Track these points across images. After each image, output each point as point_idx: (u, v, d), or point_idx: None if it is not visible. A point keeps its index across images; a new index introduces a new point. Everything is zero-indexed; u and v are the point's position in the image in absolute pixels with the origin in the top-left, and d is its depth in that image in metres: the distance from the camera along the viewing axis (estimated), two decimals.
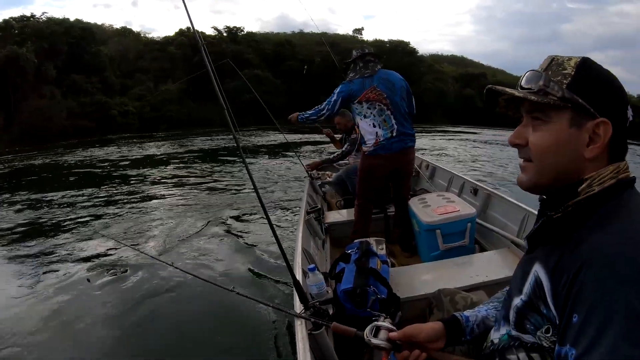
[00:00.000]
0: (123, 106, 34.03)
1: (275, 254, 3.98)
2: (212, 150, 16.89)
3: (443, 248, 2.52)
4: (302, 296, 1.44)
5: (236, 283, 3.47)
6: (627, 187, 0.69)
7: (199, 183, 8.74)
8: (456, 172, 3.89)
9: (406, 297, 1.90)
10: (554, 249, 0.71)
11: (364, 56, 2.83)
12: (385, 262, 2.06)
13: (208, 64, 1.72)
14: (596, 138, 0.68)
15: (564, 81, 0.70)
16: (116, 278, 3.69)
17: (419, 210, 2.72)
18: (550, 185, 0.74)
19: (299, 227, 2.55)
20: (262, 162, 11.91)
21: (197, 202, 6.78)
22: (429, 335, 0.94)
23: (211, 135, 24.52)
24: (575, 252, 0.64)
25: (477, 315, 1.00)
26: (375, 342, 0.94)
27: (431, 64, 57.01)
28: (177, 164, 12.57)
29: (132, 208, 6.54)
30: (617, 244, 0.60)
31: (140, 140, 23.27)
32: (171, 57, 41.83)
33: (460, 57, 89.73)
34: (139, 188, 8.49)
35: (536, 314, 0.73)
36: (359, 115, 2.83)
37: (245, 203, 6.47)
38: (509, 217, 2.69)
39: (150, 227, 5.35)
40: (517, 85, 0.77)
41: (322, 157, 4.59)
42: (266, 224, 1.58)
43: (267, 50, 46.85)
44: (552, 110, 0.70)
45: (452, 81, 53.89)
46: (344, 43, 50.10)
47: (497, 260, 2.27)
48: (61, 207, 6.87)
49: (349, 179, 3.93)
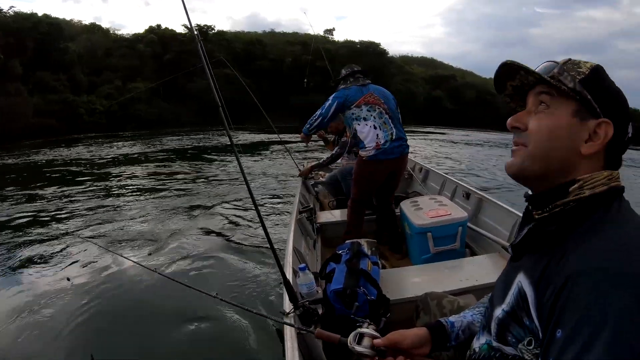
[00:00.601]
0: (90, 105, 33.05)
1: (265, 252, 3.97)
2: (192, 149, 16.62)
3: (434, 251, 2.53)
4: (292, 295, 1.44)
5: (224, 283, 3.44)
6: (616, 196, 0.69)
7: (182, 182, 8.59)
8: (449, 175, 3.90)
9: (395, 299, 1.90)
10: (540, 258, 0.69)
11: (354, 73, 2.97)
12: (376, 264, 2.06)
13: (204, 60, 1.70)
14: (595, 137, 0.69)
15: (577, 76, 0.71)
16: (90, 282, 3.55)
17: (410, 212, 2.72)
18: (538, 175, 0.73)
19: (291, 226, 2.54)
20: (253, 161, 11.87)
21: (182, 202, 6.66)
22: (413, 342, 0.94)
23: (182, 135, 24.08)
24: (562, 263, 0.62)
25: (463, 320, 0.99)
26: (359, 349, 0.94)
27: (401, 65, 57.55)
28: (157, 163, 12.20)
29: (110, 209, 6.31)
30: (604, 255, 0.59)
31: (109, 140, 21.97)
32: (140, 54, 40.93)
33: (430, 59, 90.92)
34: (117, 189, 8.15)
35: (518, 326, 0.72)
36: (357, 120, 2.84)
37: (236, 202, 6.43)
38: (500, 222, 2.71)
39: (130, 230, 5.17)
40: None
41: (312, 163, 4.58)
42: (257, 223, 1.58)
43: (238, 50, 46.10)
44: (560, 97, 0.71)
45: (422, 82, 54.39)
46: (314, 43, 50.22)
47: (487, 265, 2.29)
48: (36, 207, 6.59)
49: (344, 180, 3.92)
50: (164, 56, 40.79)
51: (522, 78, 0.77)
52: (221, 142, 18.79)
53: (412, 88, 48.96)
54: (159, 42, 42.02)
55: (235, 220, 5.40)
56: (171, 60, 40.02)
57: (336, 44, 51.87)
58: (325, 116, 2.92)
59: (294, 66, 43.47)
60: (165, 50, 41.68)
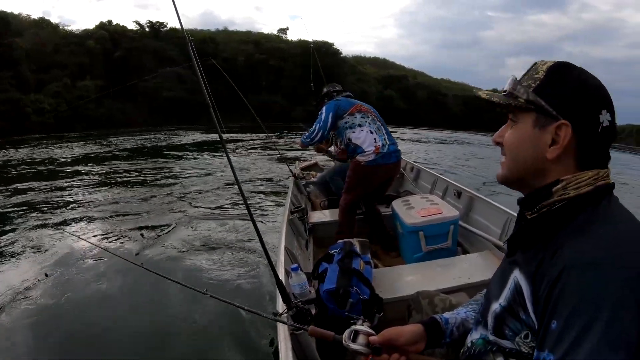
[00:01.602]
0: (38, 104, 30.83)
1: (257, 253, 3.95)
2: (160, 148, 16.31)
3: (426, 250, 2.53)
4: (285, 296, 1.43)
5: (216, 282, 3.41)
6: (605, 194, 0.70)
7: (169, 182, 8.51)
8: (440, 174, 3.92)
9: (388, 298, 1.90)
10: (534, 255, 0.71)
11: (338, 91, 3.21)
12: (368, 263, 2.06)
13: (195, 60, 1.67)
14: (557, 139, 0.70)
15: (532, 85, 0.73)
16: (79, 278, 3.52)
17: (402, 211, 2.73)
18: (520, 180, 0.78)
19: (283, 226, 2.53)
20: (243, 160, 11.81)
21: (169, 201, 6.62)
22: (408, 339, 0.94)
23: (142, 134, 23.46)
24: (555, 258, 0.64)
25: (457, 317, 1.00)
26: (354, 347, 0.93)
27: (354, 65, 57.60)
28: (131, 163, 11.94)
29: (93, 205, 6.26)
30: (597, 249, 0.61)
31: (60, 141, 20.70)
32: (90, 51, 38.68)
33: (383, 59, 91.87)
34: (93, 186, 8.07)
35: (515, 320, 0.73)
36: (352, 128, 2.89)
37: (226, 201, 6.40)
38: (491, 220, 2.73)
39: (116, 226, 5.12)
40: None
41: (302, 164, 4.54)
42: (249, 223, 1.56)
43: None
44: (520, 112, 0.76)
45: (375, 82, 54.57)
46: (268, 42, 50.11)
47: (479, 263, 2.30)
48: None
49: (332, 181, 3.92)
50: (114, 53, 39.34)
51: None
52: (189, 140, 18.59)
53: (364, 88, 48.26)
54: (110, 39, 40.27)
55: (226, 221, 5.36)
56: (122, 57, 38.95)
57: (290, 43, 51.49)
58: (325, 128, 2.95)
59: (247, 65, 43.04)
60: (116, 47, 40.25)
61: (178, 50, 42.01)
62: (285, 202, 3.32)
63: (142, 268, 1.67)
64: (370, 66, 67.14)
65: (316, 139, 3.03)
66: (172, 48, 41.97)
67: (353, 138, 2.87)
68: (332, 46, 52.81)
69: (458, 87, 74.57)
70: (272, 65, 45.42)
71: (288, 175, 4.35)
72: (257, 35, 55.12)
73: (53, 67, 35.56)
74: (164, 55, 39.74)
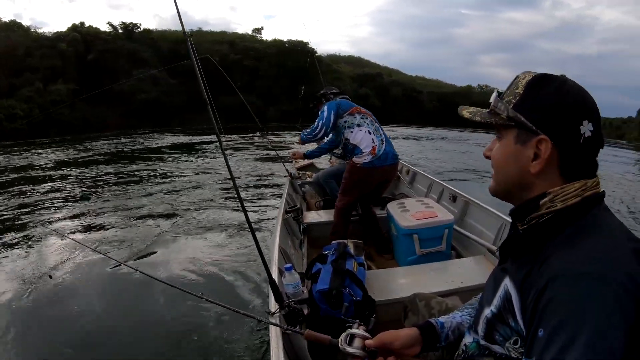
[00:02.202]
0: (10, 109, 29.26)
1: (251, 252, 3.94)
2: (143, 151, 16.16)
3: (420, 253, 2.53)
4: (278, 295, 1.42)
5: (208, 282, 3.40)
6: (594, 204, 0.70)
7: (152, 182, 8.49)
8: (436, 178, 3.92)
9: (381, 300, 1.90)
10: (523, 264, 0.71)
11: (337, 93, 3.27)
12: (362, 265, 2.06)
13: (194, 59, 1.66)
14: (539, 154, 0.70)
15: (512, 101, 0.74)
16: (72, 281, 3.49)
17: (397, 214, 2.72)
18: (508, 193, 0.79)
19: (277, 226, 2.52)
20: (238, 159, 11.80)
21: (162, 201, 6.60)
22: (404, 342, 0.94)
23: (119, 137, 22.69)
24: (543, 268, 0.65)
25: (452, 321, 1.00)
26: (351, 350, 0.93)
27: (329, 63, 56.86)
28: (122, 164, 11.89)
29: (87, 208, 6.20)
30: (584, 262, 0.61)
31: (35, 147, 19.25)
32: (62, 54, 37.25)
33: (357, 58, 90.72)
34: (72, 194, 7.74)
35: (505, 326, 0.75)
36: (351, 128, 2.90)
37: (221, 200, 6.39)
38: (486, 225, 2.73)
39: (111, 229, 5.07)
40: None
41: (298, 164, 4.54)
42: (244, 222, 1.55)
43: (164, 49, 43.04)
44: (502, 128, 0.77)
45: (350, 81, 54.22)
46: (242, 42, 49.39)
47: (472, 267, 2.30)
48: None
49: (326, 183, 3.91)
50: (87, 56, 38.28)
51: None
52: (166, 143, 18.38)
53: (340, 86, 48.40)
54: (82, 41, 38.97)
55: (221, 220, 5.36)
56: (95, 60, 37.86)
57: (265, 43, 51.43)
58: (328, 124, 2.94)
59: (222, 65, 41.79)
60: (89, 49, 39.07)
61: (152, 52, 41.62)
62: (281, 202, 3.32)
63: (137, 271, 1.65)
64: (345, 65, 67.02)
65: (319, 135, 3.01)
66: (145, 49, 41.22)
67: (351, 138, 2.88)
68: (307, 45, 52.96)
69: (432, 84, 74.94)
70: (246, 66, 44.56)
71: (284, 175, 4.33)
72: (231, 36, 54.55)
73: (25, 70, 34.11)
74: (138, 57, 38.98)
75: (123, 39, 42.08)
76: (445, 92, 65.65)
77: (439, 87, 72.01)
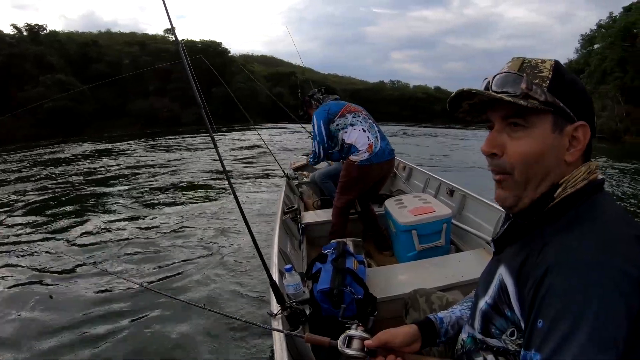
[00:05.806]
0: None
1: (251, 254, 3.93)
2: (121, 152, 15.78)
3: (419, 248, 2.53)
4: (279, 296, 1.42)
5: (210, 289, 3.37)
6: (597, 189, 0.69)
7: (149, 186, 8.43)
8: (433, 173, 3.93)
9: (382, 297, 1.90)
10: (520, 250, 0.70)
11: (328, 92, 3.22)
12: (362, 263, 2.06)
13: (185, 62, 1.65)
14: (575, 142, 0.68)
15: (543, 84, 0.67)
16: (74, 297, 3.42)
17: (395, 211, 2.73)
18: (535, 198, 0.70)
19: (276, 227, 2.52)
20: (232, 158, 11.76)
21: (158, 205, 6.58)
22: (403, 340, 0.94)
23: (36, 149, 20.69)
24: (542, 255, 0.63)
25: (451, 316, 1.00)
26: (349, 352, 0.93)
27: (243, 64, 56.26)
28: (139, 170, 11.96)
29: (78, 219, 6.03)
30: (583, 249, 0.59)
31: None
32: None
33: (271, 57, 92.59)
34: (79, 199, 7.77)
35: (501, 318, 0.73)
36: (344, 129, 2.87)
37: (218, 201, 6.36)
38: (484, 218, 2.74)
39: (108, 242, 4.89)
40: (484, 89, 0.72)
41: (297, 164, 4.54)
42: (242, 224, 1.55)
43: (72, 52, 41.82)
44: (534, 114, 0.67)
45: (263, 80, 54.51)
46: (154, 44, 48.44)
47: (472, 260, 2.31)
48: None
49: (323, 184, 3.90)
50: None
51: (482, 97, 0.72)
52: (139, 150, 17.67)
53: (254, 86, 44.87)
54: None
55: (218, 223, 5.34)
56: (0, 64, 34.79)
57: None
58: (322, 140, 2.93)
59: (134, 68, 38.90)
60: None
61: (58, 56, 39.41)
62: (278, 203, 3.31)
63: (142, 287, 1.64)
64: (258, 64, 68.02)
65: (322, 156, 2.99)
66: (52, 53, 38.87)
67: (346, 138, 2.85)
68: (220, 45, 52.90)
69: (345, 81, 77.63)
70: (158, 70, 42.08)
71: (281, 176, 4.32)
72: (142, 37, 53.88)
73: None
74: (44, 61, 36.95)
75: (28, 42, 38.97)
76: (357, 88, 68.00)
77: (351, 84, 74.71)
